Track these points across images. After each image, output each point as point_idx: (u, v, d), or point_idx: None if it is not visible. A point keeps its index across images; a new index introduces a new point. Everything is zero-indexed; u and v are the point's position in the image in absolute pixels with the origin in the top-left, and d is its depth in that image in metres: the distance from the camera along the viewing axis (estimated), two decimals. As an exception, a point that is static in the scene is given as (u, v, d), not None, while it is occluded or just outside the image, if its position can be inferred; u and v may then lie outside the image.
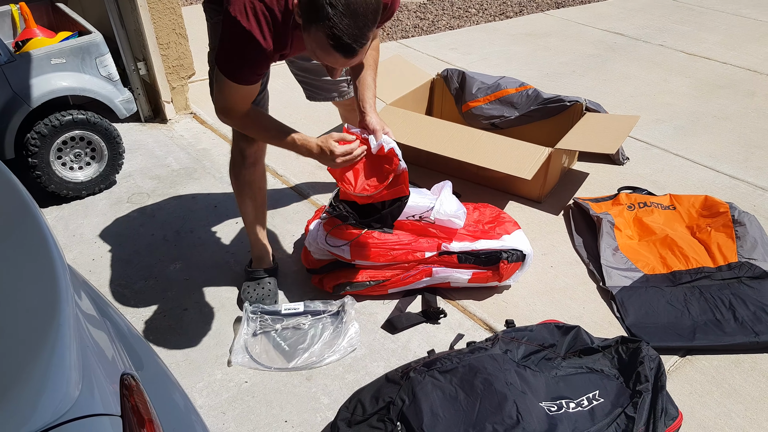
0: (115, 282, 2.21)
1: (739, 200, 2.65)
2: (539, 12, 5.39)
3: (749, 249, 2.23)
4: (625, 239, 2.37)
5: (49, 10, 3.03)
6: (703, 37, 4.72)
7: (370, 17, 1.35)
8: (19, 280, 0.94)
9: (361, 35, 1.35)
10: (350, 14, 1.31)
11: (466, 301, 2.12)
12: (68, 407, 0.74)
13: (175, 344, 1.96)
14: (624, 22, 5.08)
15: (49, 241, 1.01)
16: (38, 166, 2.48)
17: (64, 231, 2.47)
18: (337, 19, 1.31)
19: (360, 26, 1.33)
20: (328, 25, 1.32)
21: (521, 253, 2.06)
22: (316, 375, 1.85)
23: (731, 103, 3.62)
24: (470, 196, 2.64)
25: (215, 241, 2.42)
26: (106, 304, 1.21)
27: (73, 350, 0.83)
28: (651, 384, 1.62)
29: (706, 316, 2.00)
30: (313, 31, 1.36)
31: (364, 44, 1.38)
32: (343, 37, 1.33)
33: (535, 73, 4.02)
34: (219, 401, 1.77)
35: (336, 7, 1.30)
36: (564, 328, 1.83)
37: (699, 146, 3.13)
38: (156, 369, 1.15)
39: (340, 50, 1.36)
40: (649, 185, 2.77)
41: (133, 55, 3.13)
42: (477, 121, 3.00)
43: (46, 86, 2.45)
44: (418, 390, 1.58)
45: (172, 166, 2.91)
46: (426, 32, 4.88)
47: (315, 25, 1.35)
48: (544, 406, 1.57)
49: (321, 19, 1.32)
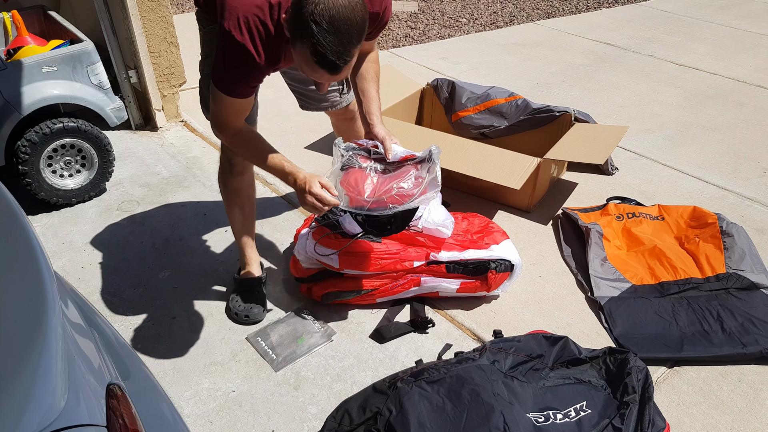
0: (104, 290, 2.20)
1: (728, 211, 2.67)
2: (530, 22, 5.43)
3: (737, 260, 2.25)
4: (614, 249, 2.39)
5: (41, 18, 3.03)
6: (692, 47, 4.77)
7: (354, 34, 1.36)
8: (5, 289, 0.93)
9: (345, 52, 1.36)
10: (334, 31, 1.33)
11: (455, 311, 2.12)
12: (54, 417, 0.74)
13: (163, 352, 1.95)
14: (614, 32, 5.13)
15: (36, 250, 1.01)
16: (28, 174, 2.47)
17: (53, 238, 2.46)
18: (321, 36, 1.33)
19: (344, 43, 1.35)
20: (312, 42, 1.34)
21: (509, 263, 2.07)
22: (304, 384, 1.84)
23: (720, 113, 3.65)
24: (459, 206, 2.65)
25: (204, 249, 2.41)
26: (93, 312, 1.21)
27: (60, 360, 0.82)
28: (638, 395, 1.63)
29: (694, 327, 2.01)
30: (298, 47, 1.38)
31: (348, 61, 1.39)
32: (327, 54, 1.35)
33: (525, 83, 4.05)
34: (206, 410, 1.76)
35: (320, 24, 1.32)
36: (552, 338, 1.84)
37: (688, 157, 3.16)
38: (143, 378, 1.15)
39: (324, 67, 1.38)
40: (638, 195, 2.79)
41: (125, 63, 3.13)
42: (466, 130, 3.02)
43: (37, 94, 2.45)
44: (405, 400, 1.58)
45: (162, 174, 2.91)
46: (417, 41, 4.91)
47: (300, 41, 1.36)
48: (532, 417, 1.58)
49: (306, 35, 1.34)
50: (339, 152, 1.83)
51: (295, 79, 2.15)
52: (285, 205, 2.69)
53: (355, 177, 1.79)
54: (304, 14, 1.33)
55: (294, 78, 2.15)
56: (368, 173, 1.81)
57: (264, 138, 1.73)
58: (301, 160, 3.04)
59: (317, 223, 2.10)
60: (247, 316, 2.05)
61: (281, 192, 2.78)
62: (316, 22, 1.32)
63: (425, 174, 1.78)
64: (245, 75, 1.56)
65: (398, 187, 1.75)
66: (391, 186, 1.76)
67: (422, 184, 1.76)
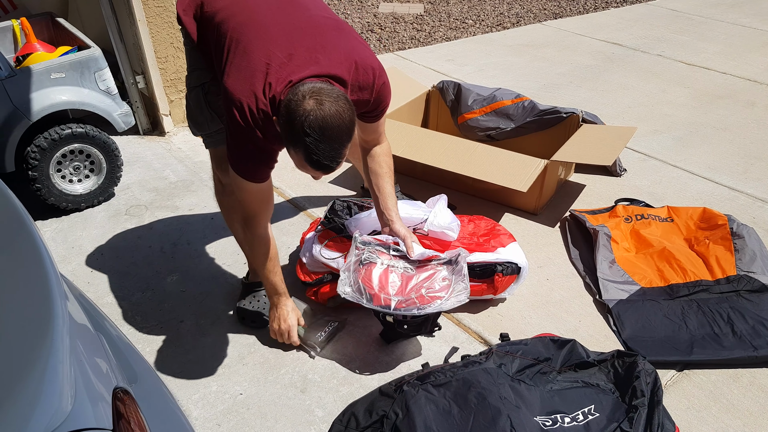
0: (113, 294, 2.21)
1: (738, 212, 2.64)
2: (537, 23, 5.42)
3: (748, 262, 2.22)
4: (622, 252, 2.37)
5: (50, 24, 3.06)
6: (702, 47, 4.73)
7: (344, 138, 1.45)
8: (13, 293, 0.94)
9: (337, 155, 1.46)
10: (325, 140, 1.42)
11: (461, 314, 2.11)
12: (60, 421, 0.75)
13: (171, 356, 1.96)
14: (622, 32, 5.10)
15: (43, 255, 1.02)
16: (38, 179, 2.49)
17: (63, 243, 2.48)
18: (314, 146, 1.42)
19: (335, 148, 1.44)
20: (306, 151, 1.43)
21: (516, 266, 2.06)
22: (311, 387, 1.84)
23: (730, 113, 3.62)
24: (466, 208, 2.64)
25: (212, 253, 2.42)
26: (101, 316, 1.22)
27: (67, 364, 0.83)
28: (647, 399, 1.61)
29: (704, 329, 1.99)
30: (293, 151, 1.47)
31: (340, 161, 1.49)
32: (321, 159, 1.44)
33: (532, 85, 4.04)
34: (214, 413, 1.77)
35: (311, 135, 1.40)
36: (559, 341, 1.83)
37: (697, 157, 3.14)
38: (151, 382, 1.15)
39: (319, 169, 1.48)
40: (647, 197, 2.77)
41: (132, 68, 3.15)
42: (473, 132, 3.01)
43: (46, 100, 2.47)
44: (411, 404, 1.58)
45: (170, 179, 2.92)
46: (422, 44, 4.90)
47: (294, 147, 1.45)
48: (539, 420, 1.57)
49: (299, 144, 1.43)
50: (356, 245, 1.89)
51: None
52: (291, 209, 2.70)
53: (378, 274, 1.84)
54: (295, 126, 1.41)
55: None
56: (391, 271, 1.86)
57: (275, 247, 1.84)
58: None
59: (323, 227, 2.10)
60: (254, 320, 2.05)
61: (287, 196, 2.79)
62: (308, 135, 1.41)
63: (452, 276, 1.83)
64: (258, 155, 1.60)
65: (427, 288, 1.80)
66: (419, 285, 1.81)
67: (450, 285, 1.81)
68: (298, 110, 1.40)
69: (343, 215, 2.22)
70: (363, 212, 2.17)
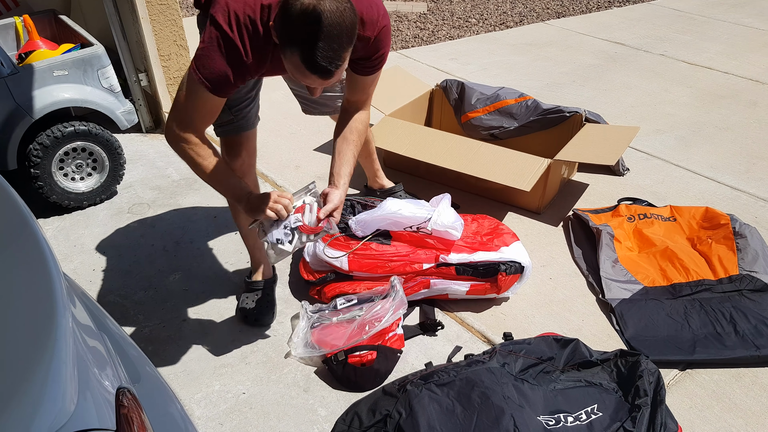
0: (115, 292, 2.21)
1: (741, 212, 2.64)
2: (540, 22, 5.41)
3: (750, 261, 2.22)
4: (625, 251, 2.37)
5: (52, 22, 3.06)
6: (704, 46, 4.73)
7: (344, 38, 1.33)
8: (16, 293, 0.94)
9: (336, 56, 1.33)
10: (324, 37, 1.29)
11: (465, 313, 2.11)
12: (64, 421, 0.75)
13: (173, 355, 1.96)
14: (625, 31, 5.10)
15: (46, 254, 1.02)
16: (40, 177, 2.49)
17: (65, 241, 2.48)
18: (311, 44, 1.30)
19: (334, 48, 1.32)
20: (301, 49, 1.32)
21: (519, 265, 2.06)
22: (314, 387, 1.84)
23: (732, 113, 3.62)
24: (469, 207, 2.64)
25: (215, 251, 2.42)
26: (104, 315, 1.21)
27: (69, 364, 0.83)
28: (650, 398, 1.61)
29: (707, 329, 1.99)
30: (288, 53, 1.35)
31: (339, 65, 1.36)
32: (318, 59, 1.32)
33: (535, 84, 4.03)
34: (217, 412, 1.77)
35: (308, 31, 1.29)
36: (563, 341, 1.83)
37: (700, 157, 3.13)
38: (153, 381, 1.15)
39: (315, 72, 1.35)
40: (650, 196, 2.76)
41: (135, 66, 3.15)
42: (476, 131, 3.01)
43: (49, 98, 2.47)
44: (415, 403, 1.58)
45: (173, 177, 2.92)
46: (426, 42, 4.90)
47: (290, 47, 1.34)
48: (542, 420, 1.57)
49: (295, 42, 1.32)
50: (306, 314, 1.98)
51: (297, 82, 2.14)
52: (294, 207, 2.69)
53: (329, 332, 1.92)
54: (292, 21, 1.30)
55: (296, 82, 2.15)
56: (340, 325, 1.94)
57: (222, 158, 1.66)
58: (311, 162, 3.05)
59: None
60: (257, 319, 2.05)
61: (291, 194, 2.78)
62: (305, 30, 1.29)
63: (389, 302, 1.90)
64: (230, 72, 1.48)
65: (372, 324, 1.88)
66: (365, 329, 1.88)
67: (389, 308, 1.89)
68: (295, 4, 1.29)
69: (346, 214, 2.22)
70: (366, 211, 2.16)
